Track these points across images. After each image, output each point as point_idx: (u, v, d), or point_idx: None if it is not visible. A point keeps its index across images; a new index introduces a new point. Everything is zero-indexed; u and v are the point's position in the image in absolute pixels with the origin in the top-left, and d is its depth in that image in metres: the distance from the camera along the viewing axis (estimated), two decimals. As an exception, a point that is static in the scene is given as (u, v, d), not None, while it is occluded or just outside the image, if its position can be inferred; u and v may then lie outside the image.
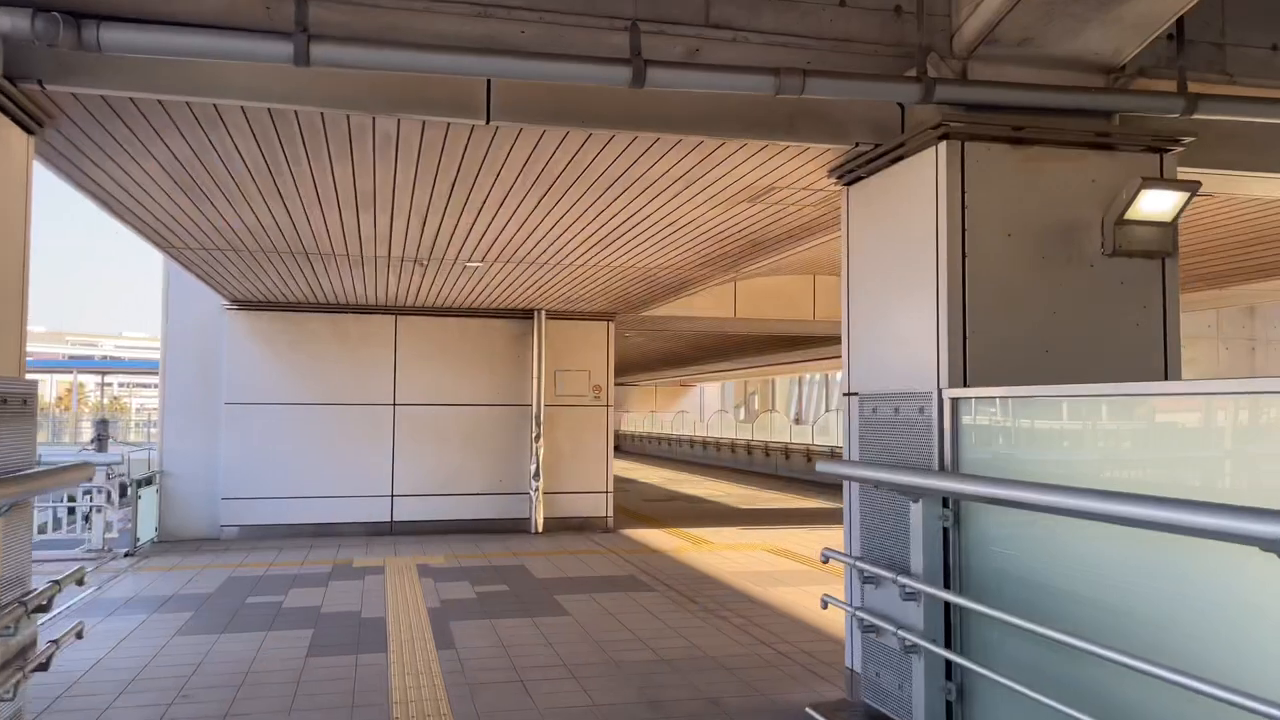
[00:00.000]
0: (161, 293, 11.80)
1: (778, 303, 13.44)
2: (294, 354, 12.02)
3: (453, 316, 12.51)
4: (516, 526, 12.50)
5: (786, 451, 23.95)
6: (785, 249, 7.77)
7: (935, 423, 3.81)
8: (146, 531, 11.04)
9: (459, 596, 8.12)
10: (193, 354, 11.83)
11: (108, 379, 59.78)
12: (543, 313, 12.56)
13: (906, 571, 3.73)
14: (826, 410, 38.50)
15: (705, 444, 29.94)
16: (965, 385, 4.23)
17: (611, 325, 13.03)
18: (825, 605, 4.62)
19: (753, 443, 26.48)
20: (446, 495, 12.36)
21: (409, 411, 12.31)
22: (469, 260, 8.66)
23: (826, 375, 47.32)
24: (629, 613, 7.46)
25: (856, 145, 4.87)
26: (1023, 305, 4.38)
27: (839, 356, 17.11)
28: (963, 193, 4.37)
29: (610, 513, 12.86)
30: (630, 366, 29.01)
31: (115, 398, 66.85)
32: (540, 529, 12.36)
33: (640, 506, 15.85)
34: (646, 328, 15.11)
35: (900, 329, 4.68)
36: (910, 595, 3.65)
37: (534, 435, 12.42)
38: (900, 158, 4.77)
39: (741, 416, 37.95)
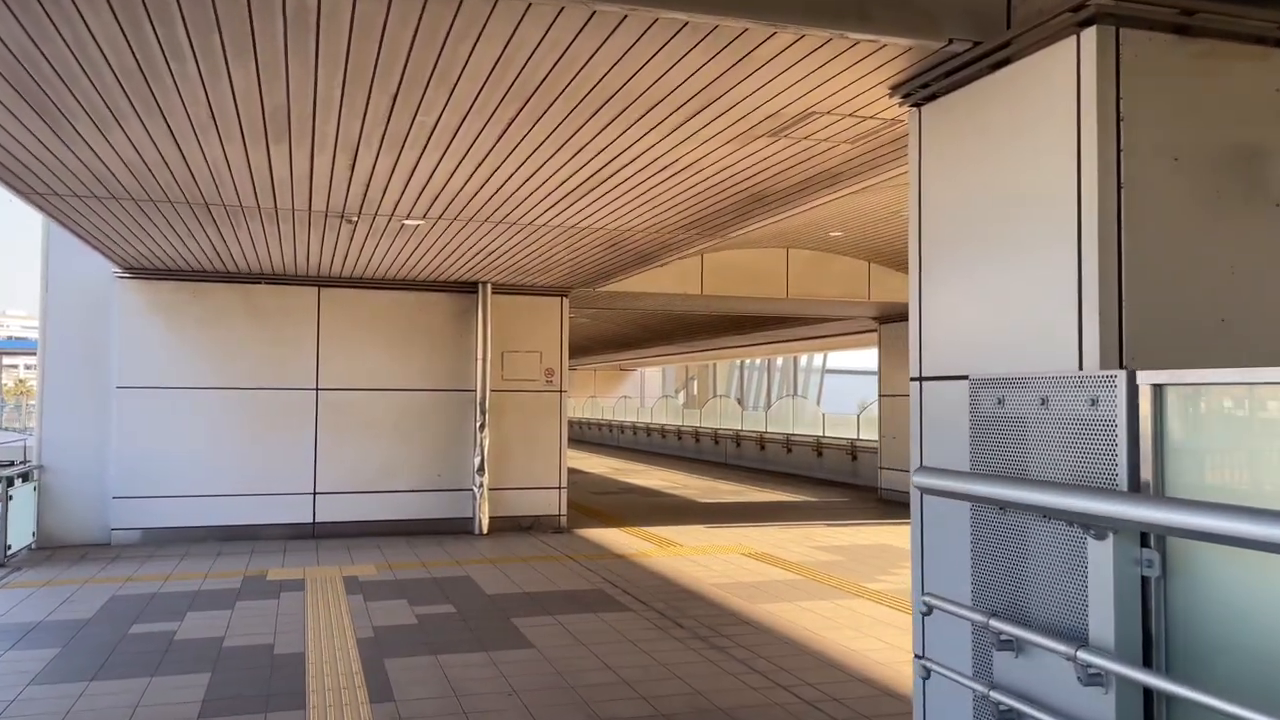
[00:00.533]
0: (41, 257, 10.06)
1: (748, 279, 12.23)
2: (199, 331, 10.40)
3: (385, 289, 11.01)
4: (458, 527, 11.10)
5: (738, 439, 22.88)
6: (790, 206, 6.52)
7: (1120, 421, 2.60)
8: (20, 537, 9.37)
9: (395, 622, 6.73)
10: (78, 328, 10.13)
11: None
12: (488, 286, 11.14)
13: (1082, 641, 2.52)
14: (779, 397, 37.69)
15: (650, 431, 28.75)
16: (1120, 365, 3.04)
17: (565, 302, 11.67)
18: (928, 675, 3.37)
19: (701, 429, 25.36)
20: (377, 493, 10.90)
21: (334, 397, 10.80)
22: (408, 218, 7.23)
23: (769, 360, 46.57)
24: (606, 643, 6.17)
25: (950, 43, 3.62)
26: (1194, 257, 3.19)
27: (816, 338, 15.88)
28: (1117, 99, 3.15)
29: (563, 511, 11.54)
30: (573, 349, 27.63)
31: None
32: (485, 530, 10.98)
33: (592, 501, 14.55)
34: (602, 305, 13.79)
35: (1011, 292, 3.46)
36: (1094, 678, 2.45)
37: (478, 424, 11.02)
38: (1005, 61, 3.54)
39: (682, 401, 36.89)
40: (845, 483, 17.79)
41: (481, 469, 10.98)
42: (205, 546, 9.95)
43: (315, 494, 10.70)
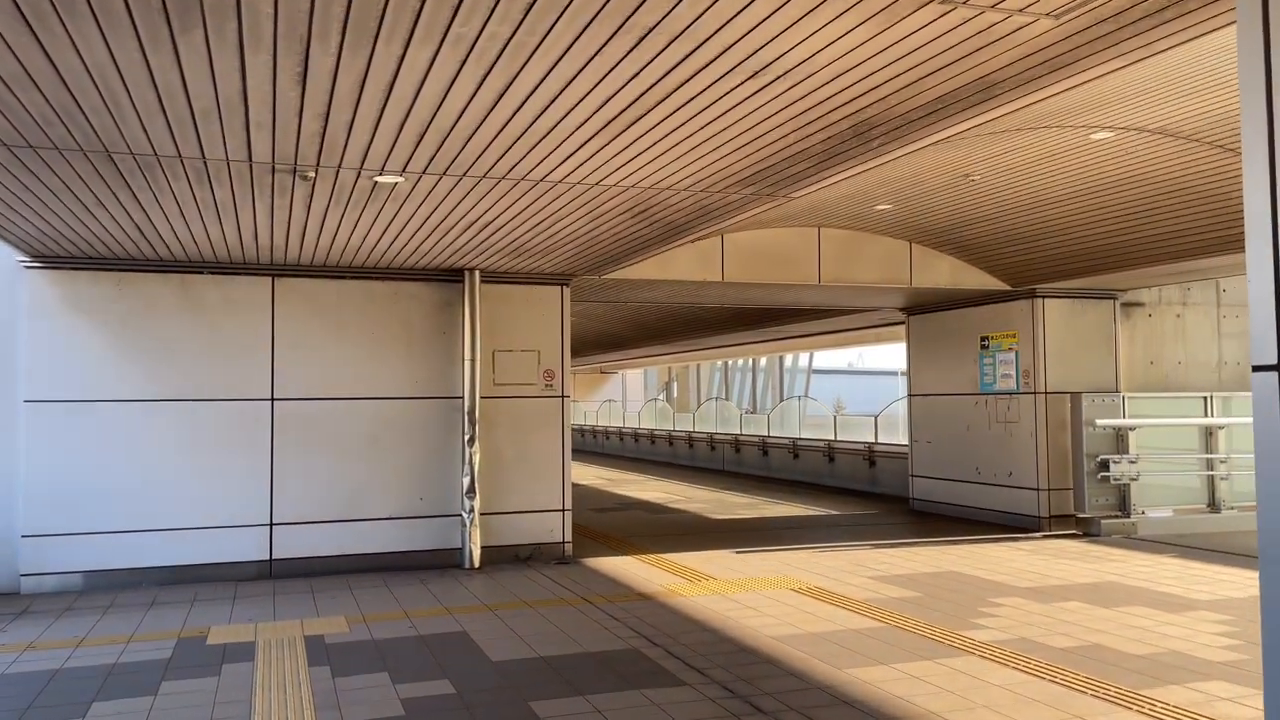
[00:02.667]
0: (-76, 244, 8.20)
1: (775, 263, 10.59)
2: (126, 331, 8.58)
3: (353, 278, 9.25)
4: (444, 560, 9.35)
5: (737, 444, 21.26)
6: (895, 144, 4.87)
7: None
8: (-102, 591, 7.51)
9: (376, 715, 4.99)
10: (-27, 331, 8.29)
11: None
12: (476, 274, 9.41)
13: None
14: (765, 399, 36.19)
15: (639, 436, 27.07)
16: None
17: (567, 291, 9.96)
18: None
19: (695, 434, 23.70)
20: (347, 522, 9.12)
21: (293, 409, 9.02)
22: (382, 171, 5.50)
23: (754, 360, 45.08)
24: (666, 743, 4.48)
25: None
26: None
27: (835, 333, 14.24)
28: None
29: (567, 537, 9.82)
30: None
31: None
32: (477, 563, 9.24)
33: (592, 521, 12.83)
34: (602, 298, 12.08)
35: None
36: None
37: (466, 437, 9.29)
38: None
39: (660, 403, 35.23)
40: (864, 491, 16.22)
41: (471, 490, 9.24)
42: (138, 594, 8.13)
43: (272, 525, 8.90)
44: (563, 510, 9.81)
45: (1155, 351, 12.06)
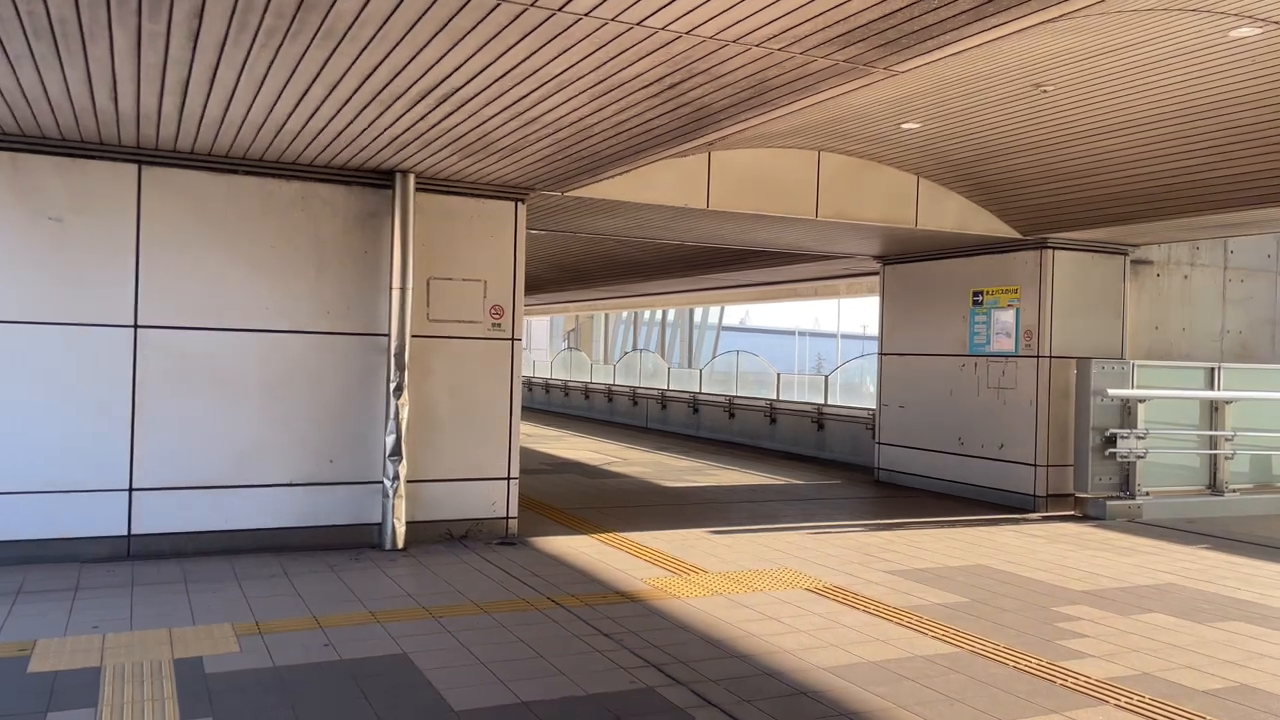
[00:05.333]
0: None
1: (768, 191, 8.90)
2: (-73, 224, 6.28)
3: (247, 172, 7.11)
4: (357, 538, 7.44)
5: (663, 400, 19.69)
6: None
7: None
8: None
9: (289, 819, 3.17)
10: None
11: None
12: (411, 178, 7.40)
13: None
14: (670, 355, 34.75)
15: (551, 387, 25.22)
16: None
17: (522, 208, 8.04)
18: None
19: (616, 388, 22.03)
20: (232, 488, 7.09)
21: (164, 340, 6.90)
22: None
23: (662, 312, 43.54)
24: None
25: None
26: None
27: (797, 281, 12.65)
28: None
29: (513, 512, 8.02)
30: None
31: None
32: (401, 543, 7.36)
33: (523, 484, 11.02)
34: (555, 223, 10.14)
35: None
36: None
37: (392, 385, 7.34)
38: None
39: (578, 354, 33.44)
40: (810, 457, 14.90)
41: (396, 452, 7.32)
42: (-64, 582, 5.98)
43: (131, 490, 6.81)
44: (508, 479, 7.99)
45: (1161, 315, 10.95)
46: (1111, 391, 9.71)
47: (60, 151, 6.54)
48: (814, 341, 55.07)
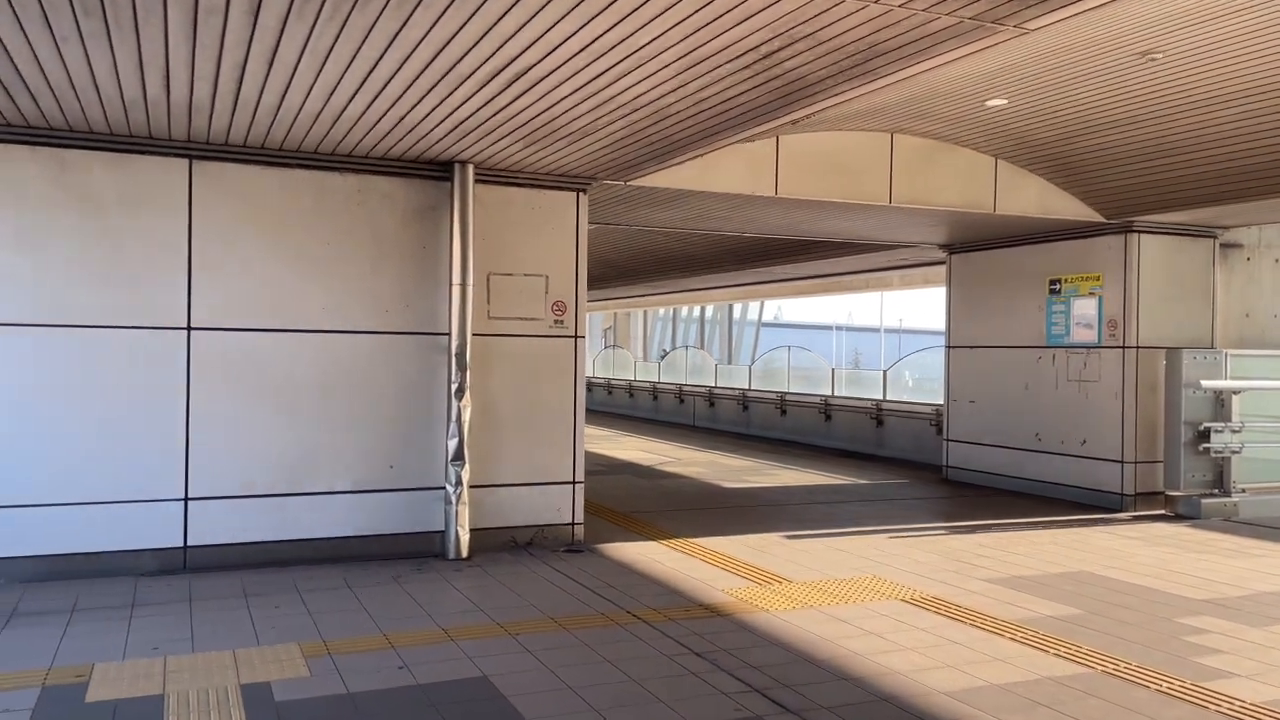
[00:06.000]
0: None
1: (839, 176, 8.45)
2: (-26, 225, 6.03)
3: (301, 166, 6.80)
4: (420, 547, 7.10)
5: (711, 398, 19.26)
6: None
7: None
8: None
9: None
10: None
11: None
12: (470, 169, 7.04)
13: None
14: (709, 351, 34.34)
15: (593, 386, 24.89)
16: None
17: (583, 199, 7.66)
18: None
19: (661, 386, 21.63)
20: (292, 496, 6.78)
21: (218, 343, 6.60)
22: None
23: (704, 309, 43.07)
24: None
25: None
26: None
27: (859, 273, 12.05)
28: None
29: (578, 517, 7.65)
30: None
31: None
32: (465, 552, 7.01)
33: (586, 489, 10.64)
34: (611, 216, 9.73)
35: None
36: None
37: (453, 386, 7.00)
38: None
39: (619, 351, 33.11)
40: (870, 455, 14.39)
41: (458, 456, 6.98)
42: (-11, 598, 5.72)
43: (187, 500, 6.52)
44: (573, 483, 7.62)
45: (1251, 301, 10.34)
46: (1205, 383, 9.15)
47: (110, 147, 6.26)
48: (850, 336, 54.38)
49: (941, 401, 12.68)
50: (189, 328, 6.51)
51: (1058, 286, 10.26)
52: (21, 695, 4.16)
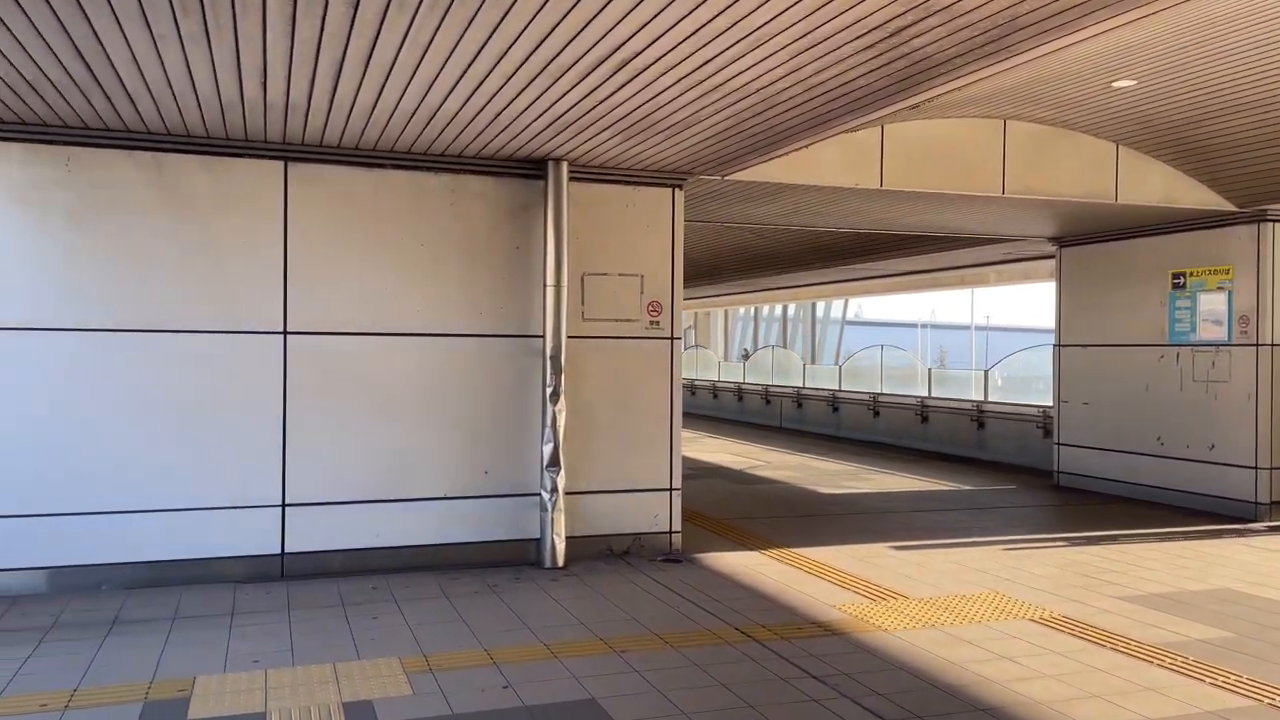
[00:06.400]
0: None
1: (948, 166, 8.01)
2: (78, 230, 6.03)
3: (396, 166, 6.67)
4: (515, 555, 6.92)
5: (799, 399, 18.81)
6: None
7: None
8: None
9: None
10: None
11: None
12: (564, 166, 6.84)
13: None
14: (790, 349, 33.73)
15: (684, 387, 24.58)
16: None
17: (679, 195, 7.40)
18: None
19: (746, 386, 21.26)
20: (387, 502, 6.67)
21: (313, 347, 6.52)
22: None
23: (786, 308, 42.43)
24: None
25: None
26: None
27: (958, 269, 11.41)
28: None
29: (676, 526, 7.38)
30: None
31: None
32: (561, 560, 6.81)
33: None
34: (704, 213, 9.45)
35: None
36: None
37: (548, 390, 6.80)
38: None
39: (703, 351, 32.77)
40: (969, 458, 13.80)
41: (554, 462, 6.78)
42: (96, 604, 5.71)
43: (285, 506, 6.45)
44: (670, 490, 7.36)
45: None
46: (1351, 383, 8.44)
47: (207, 150, 6.22)
48: (934, 334, 52.94)
49: (1049, 403, 12.09)
50: (285, 332, 6.44)
51: (1182, 280, 9.61)
52: (124, 710, 4.07)
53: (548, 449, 6.79)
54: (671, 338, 7.37)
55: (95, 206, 6.03)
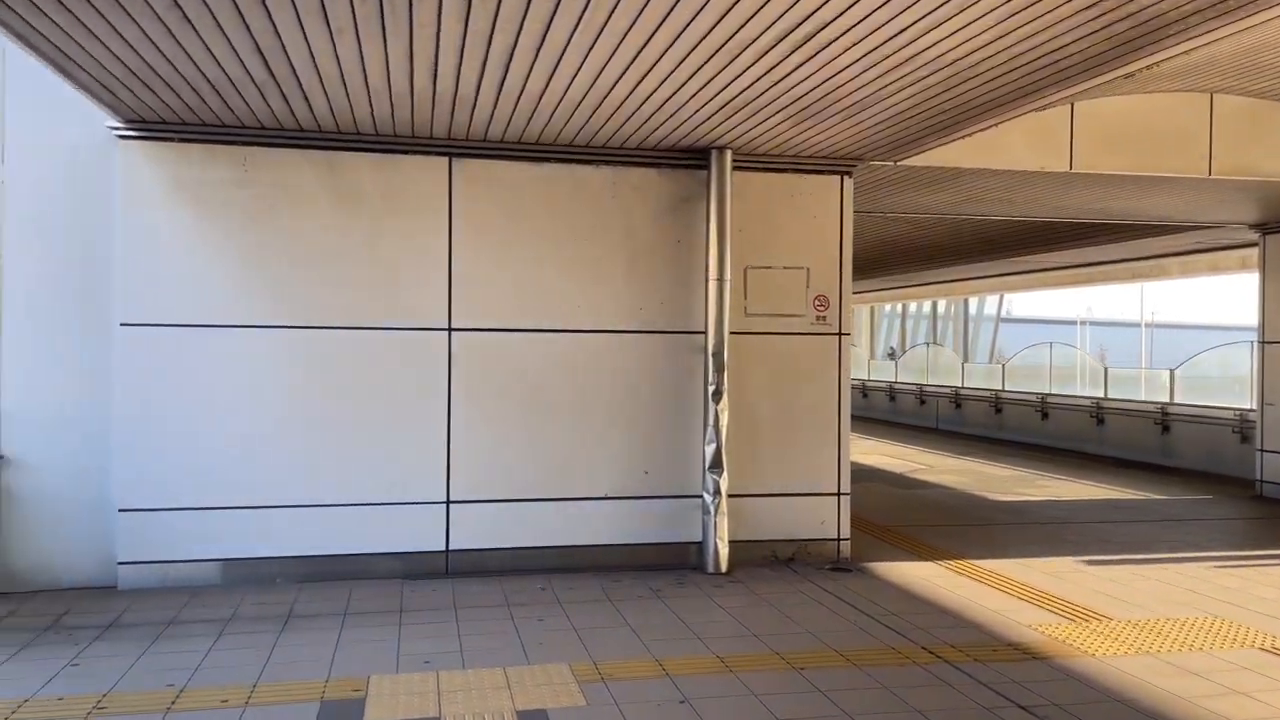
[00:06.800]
0: (-11, 105, 5.95)
1: (1144, 146, 7.31)
2: (255, 229, 6.16)
3: (557, 159, 6.54)
4: (675, 559, 6.70)
5: (957, 399, 17.94)
6: None
7: None
8: (-47, 586, 5.37)
9: None
10: (52, 224, 6.02)
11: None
12: (728, 155, 6.56)
13: None
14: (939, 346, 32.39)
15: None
16: None
17: (848, 183, 7.00)
18: None
19: (898, 386, 20.47)
20: (547, 501, 6.55)
21: (476, 343, 6.47)
22: None
23: (935, 304, 40.87)
24: None
25: None
26: None
27: (1143, 259, 10.48)
28: None
29: (844, 533, 7.00)
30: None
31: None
32: (725, 566, 6.53)
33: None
34: (873, 203, 8.98)
35: None
36: None
37: (711, 389, 6.53)
38: None
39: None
40: (1151, 464, 12.75)
41: (716, 464, 6.51)
42: (269, 597, 5.81)
43: (449, 503, 6.43)
44: (838, 494, 6.98)
45: None
46: None
47: (375, 148, 6.24)
48: (1094, 331, 49.97)
49: (1247, 405, 11.03)
50: (449, 328, 6.41)
51: None
52: (302, 709, 4.04)
53: (710, 450, 6.53)
54: (840, 333, 6.98)
55: (270, 206, 6.14)
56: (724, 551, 6.53)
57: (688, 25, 4.13)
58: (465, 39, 4.29)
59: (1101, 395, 14.47)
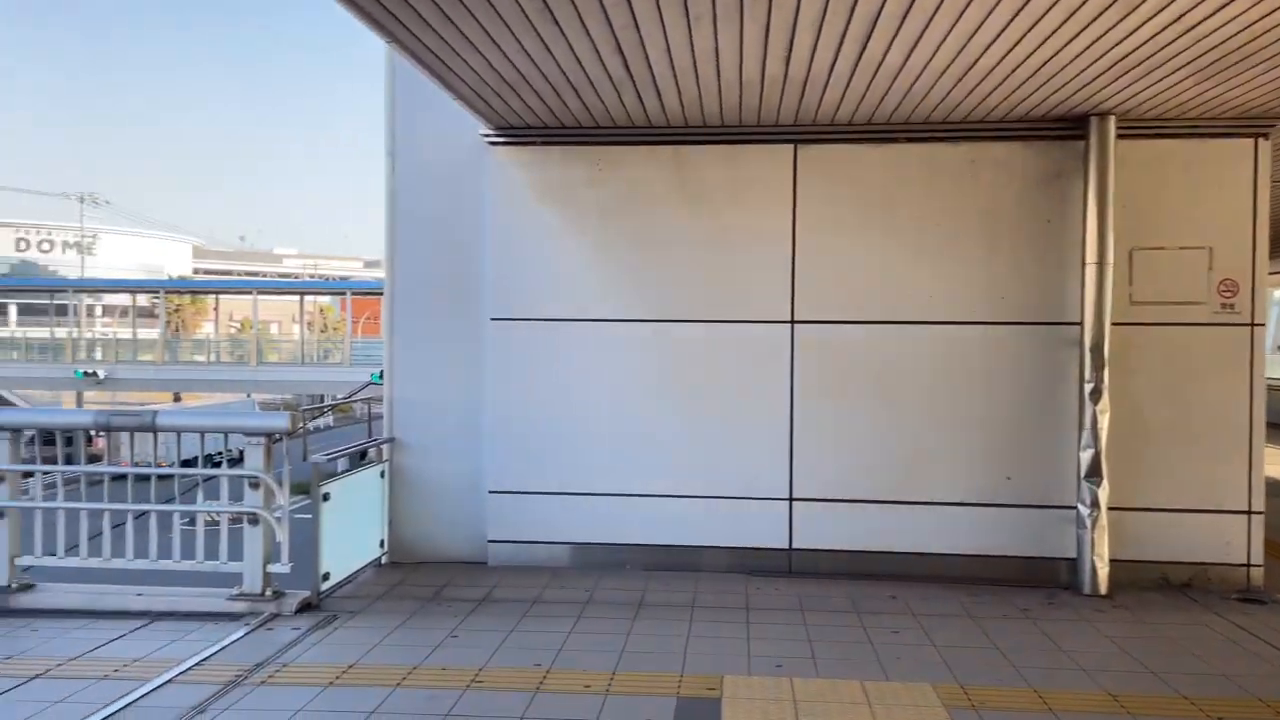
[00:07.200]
0: (385, 118, 6.61)
1: None
2: (607, 226, 6.34)
3: (907, 139, 6.11)
4: (1041, 575, 6.03)
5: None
6: None
7: None
8: (348, 556, 6.02)
9: None
10: (433, 226, 6.58)
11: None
12: (1111, 121, 5.77)
13: None
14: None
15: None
16: None
17: (1264, 146, 5.92)
18: None
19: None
20: (894, 504, 6.16)
21: (819, 336, 6.21)
22: None
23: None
24: None
25: None
26: None
27: None
28: None
29: (1255, 559, 5.94)
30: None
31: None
32: (1104, 588, 5.78)
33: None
34: None
35: None
36: None
37: (1088, 387, 5.79)
38: None
39: None
40: None
41: (1095, 472, 5.76)
42: (620, 582, 5.96)
43: (791, 500, 6.24)
44: (1249, 513, 5.94)
45: None
46: None
47: (719, 139, 6.19)
48: None
49: None
50: (792, 321, 6.22)
51: None
52: (660, 704, 4.03)
53: (1086, 456, 5.79)
54: (1252, 324, 5.93)
55: (621, 203, 6.28)
56: (1103, 571, 5.77)
57: (1033, 29, 3.60)
58: (826, 12, 4.05)
59: None
